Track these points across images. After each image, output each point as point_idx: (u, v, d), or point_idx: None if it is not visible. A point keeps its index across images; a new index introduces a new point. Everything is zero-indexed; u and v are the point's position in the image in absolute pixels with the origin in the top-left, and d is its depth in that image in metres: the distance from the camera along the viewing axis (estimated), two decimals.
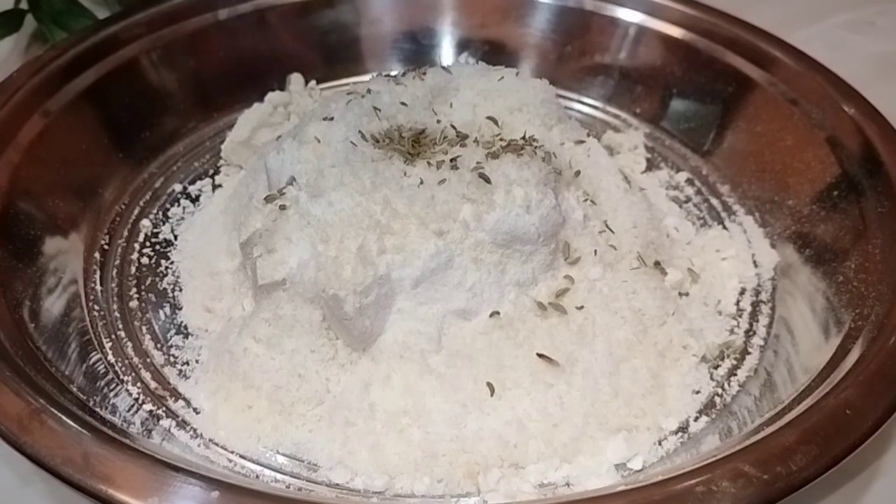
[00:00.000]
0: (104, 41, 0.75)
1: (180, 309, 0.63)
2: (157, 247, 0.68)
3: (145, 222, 0.70)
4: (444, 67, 0.68)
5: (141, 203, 0.71)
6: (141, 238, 0.68)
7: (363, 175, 0.56)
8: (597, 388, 0.54)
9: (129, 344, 0.60)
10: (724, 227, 0.71)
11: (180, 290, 0.64)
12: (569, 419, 0.53)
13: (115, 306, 0.62)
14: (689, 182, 0.76)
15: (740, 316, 0.63)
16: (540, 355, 0.54)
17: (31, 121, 0.66)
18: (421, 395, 0.54)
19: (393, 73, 0.75)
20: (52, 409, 0.46)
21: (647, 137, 0.80)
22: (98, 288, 0.63)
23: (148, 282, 0.65)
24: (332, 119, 0.62)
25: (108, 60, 0.74)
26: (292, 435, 0.54)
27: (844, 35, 0.98)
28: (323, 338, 0.56)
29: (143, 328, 0.61)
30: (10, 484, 0.51)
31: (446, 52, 0.87)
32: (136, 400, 0.56)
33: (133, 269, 0.66)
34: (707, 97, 0.79)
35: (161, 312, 0.62)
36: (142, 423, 0.54)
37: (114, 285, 0.64)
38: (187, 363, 0.59)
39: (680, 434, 0.55)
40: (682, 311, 0.61)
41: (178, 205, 0.72)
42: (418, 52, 0.87)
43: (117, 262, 0.66)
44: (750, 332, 0.62)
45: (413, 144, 0.60)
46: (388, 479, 0.51)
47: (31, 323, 0.55)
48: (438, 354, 0.55)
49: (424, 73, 0.67)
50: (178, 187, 0.74)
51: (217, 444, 0.53)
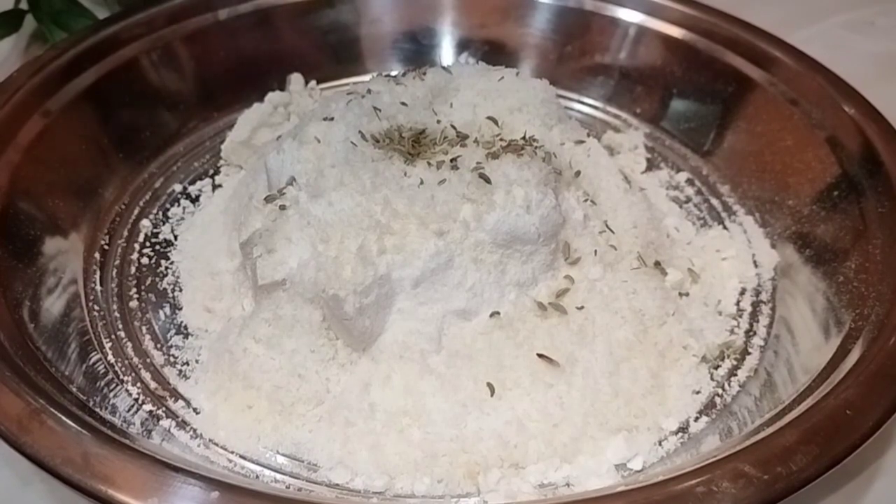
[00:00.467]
0: (104, 41, 0.75)
1: (180, 309, 0.63)
2: (157, 247, 0.68)
3: (145, 222, 0.70)
4: (444, 67, 0.68)
5: (141, 203, 0.71)
6: (141, 238, 0.68)
7: (363, 175, 0.56)
8: (597, 389, 0.54)
9: (129, 344, 0.60)
10: (725, 228, 0.71)
11: (180, 290, 0.64)
12: (569, 419, 0.53)
13: (115, 306, 0.62)
14: (690, 182, 0.76)
15: (740, 316, 0.63)
16: (540, 355, 0.54)
17: (31, 121, 0.66)
18: (421, 395, 0.54)
19: (393, 73, 0.75)
20: (52, 410, 0.46)
21: (647, 137, 0.80)
22: (98, 288, 0.63)
23: (148, 282, 0.65)
24: (332, 119, 0.62)
25: (108, 60, 0.74)
26: (292, 435, 0.54)
27: (844, 35, 0.98)
28: (323, 338, 0.56)
29: (143, 328, 0.61)
30: (10, 484, 0.51)
31: (446, 52, 0.87)
32: (136, 400, 0.56)
33: (133, 269, 0.66)
34: (707, 97, 0.79)
35: (161, 312, 0.62)
36: (142, 424, 0.53)
37: (114, 285, 0.64)
38: (187, 363, 0.59)
39: (680, 434, 0.55)
40: (682, 312, 0.61)
41: (178, 205, 0.72)
42: (418, 52, 0.87)
43: (117, 262, 0.66)
44: (750, 333, 0.62)
45: (413, 144, 0.60)
46: (388, 479, 0.51)
47: (30, 323, 0.55)
48: (438, 354, 0.55)
49: (424, 73, 0.67)
50: (178, 187, 0.73)
51: (217, 445, 0.53)
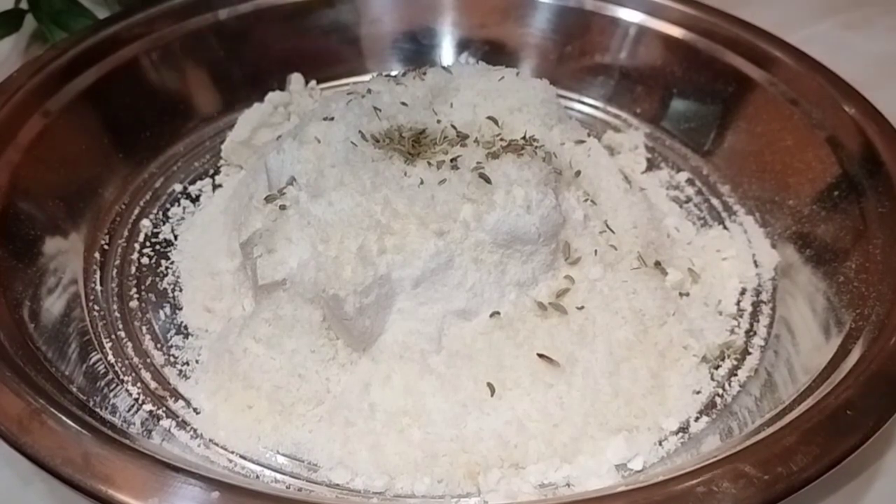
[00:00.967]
0: (104, 41, 0.75)
1: (180, 309, 0.63)
2: (158, 247, 0.68)
3: (145, 222, 0.70)
4: (444, 67, 0.68)
5: (141, 203, 0.71)
6: (141, 238, 0.68)
7: (363, 175, 0.56)
8: (597, 389, 0.54)
9: (129, 344, 0.60)
10: (725, 227, 0.71)
11: (180, 290, 0.64)
12: (569, 419, 0.53)
13: (115, 306, 0.62)
14: (690, 182, 0.76)
15: (741, 316, 0.63)
16: (540, 355, 0.54)
17: (31, 121, 0.66)
18: (421, 395, 0.53)
19: (393, 73, 0.75)
20: (52, 410, 0.46)
21: (647, 137, 0.80)
22: (98, 288, 0.63)
23: (148, 282, 0.65)
24: (332, 119, 0.62)
25: (108, 60, 0.74)
26: (292, 435, 0.54)
27: (844, 35, 0.98)
28: (323, 338, 0.56)
29: (143, 328, 0.61)
30: (10, 484, 0.51)
31: (446, 52, 0.87)
32: (136, 400, 0.56)
33: (133, 269, 0.66)
34: (707, 97, 0.79)
35: (161, 312, 0.62)
36: (142, 424, 0.53)
37: (114, 285, 0.64)
38: (187, 363, 0.59)
39: (680, 434, 0.55)
40: (682, 312, 0.61)
41: (179, 205, 0.72)
42: (418, 52, 0.87)
43: (117, 262, 0.66)
44: (750, 333, 0.62)
45: (413, 144, 0.60)
46: (388, 479, 0.51)
47: (31, 323, 0.55)
48: (438, 354, 0.55)
49: (424, 73, 0.67)
50: (178, 187, 0.73)
51: (217, 445, 0.53)
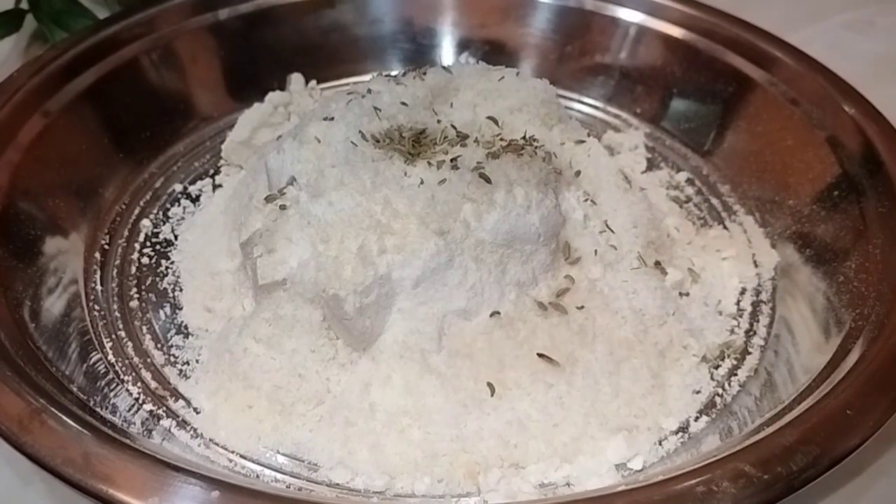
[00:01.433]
0: (104, 41, 0.75)
1: (180, 309, 0.63)
2: (158, 247, 0.68)
3: (146, 222, 0.70)
4: (444, 67, 0.68)
5: (141, 203, 0.71)
6: (141, 238, 0.68)
7: (363, 175, 0.56)
8: (597, 388, 0.54)
9: (130, 344, 0.60)
10: (725, 227, 0.71)
11: (180, 290, 0.64)
12: (569, 419, 0.53)
13: (115, 306, 0.62)
14: (690, 182, 0.76)
15: (741, 316, 0.63)
16: (540, 355, 0.54)
17: (31, 121, 0.66)
18: (421, 394, 0.53)
19: (393, 73, 0.75)
20: (53, 409, 0.46)
21: (647, 137, 0.80)
22: (98, 288, 0.63)
23: (148, 282, 0.65)
24: (332, 119, 0.62)
25: (108, 60, 0.74)
26: (292, 435, 0.54)
27: (844, 35, 0.98)
28: (323, 338, 0.56)
29: (144, 328, 0.61)
30: (10, 484, 0.51)
31: (446, 52, 0.87)
32: (137, 400, 0.56)
33: (133, 269, 0.66)
34: (707, 97, 0.79)
35: (161, 312, 0.62)
36: (142, 423, 0.54)
37: (114, 285, 0.64)
38: (187, 363, 0.59)
39: (680, 434, 0.55)
40: (682, 311, 0.61)
41: (179, 205, 0.72)
42: (418, 52, 0.87)
43: (118, 262, 0.66)
44: (750, 332, 0.62)
45: (413, 144, 0.60)
46: (388, 479, 0.51)
47: (31, 323, 0.55)
48: (439, 354, 0.55)
49: (425, 73, 0.67)
50: (178, 187, 0.73)
51: (217, 444, 0.53)
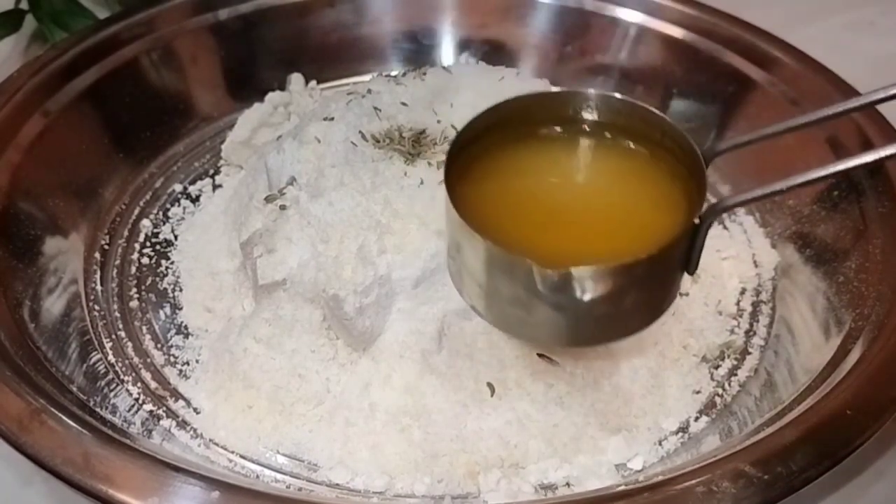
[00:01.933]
0: (104, 41, 0.75)
1: (180, 309, 0.63)
2: (158, 247, 0.68)
3: (145, 222, 0.70)
4: (444, 67, 0.68)
5: (141, 203, 0.71)
6: (141, 238, 0.68)
7: (363, 175, 0.56)
8: (597, 388, 0.54)
9: (130, 344, 0.60)
10: (725, 227, 0.71)
11: (180, 290, 0.64)
12: (569, 419, 0.53)
13: (115, 306, 0.62)
14: None
15: (741, 316, 0.63)
16: (540, 355, 0.54)
17: (31, 121, 0.66)
18: (421, 394, 0.53)
19: (393, 73, 0.75)
20: (53, 409, 0.46)
21: None
22: (98, 288, 0.63)
23: (148, 282, 0.65)
24: (332, 119, 0.62)
25: (108, 60, 0.74)
26: (292, 435, 0.54)
27: (845, 35, 0.98)
28: (323, 338, 0.56)
29: (144, 328, 0.61)
30: (11, 483, 0.51)
31: (446, 52, 0.87)
32: (137, 400, 0.56)
33: (133, 269, 0.66)
34: (707, 97, 0.79)
35: (161, 312, 0.62)
36: (142, 423, 0.53)
37: (114, 285, 0.64)
38: (187, 363, 0.59)
39: (680, 434, 0.55)
40: (682, 311, 0.61)
41: (179, 205, 0.72)
42: (418, 52, 0.86)
43: (117, 262, 0.66)
44: (750, 332, 0.62)
45: (413, 144, 0.60)
46: (388, 479, 0.51)
47: (31, 323, 0.55)
48: (439, 354, 0.55)
49: (424, 73, 0.67)
50: (178, 187, 0.73)
51: (217, 444, 0.53)
